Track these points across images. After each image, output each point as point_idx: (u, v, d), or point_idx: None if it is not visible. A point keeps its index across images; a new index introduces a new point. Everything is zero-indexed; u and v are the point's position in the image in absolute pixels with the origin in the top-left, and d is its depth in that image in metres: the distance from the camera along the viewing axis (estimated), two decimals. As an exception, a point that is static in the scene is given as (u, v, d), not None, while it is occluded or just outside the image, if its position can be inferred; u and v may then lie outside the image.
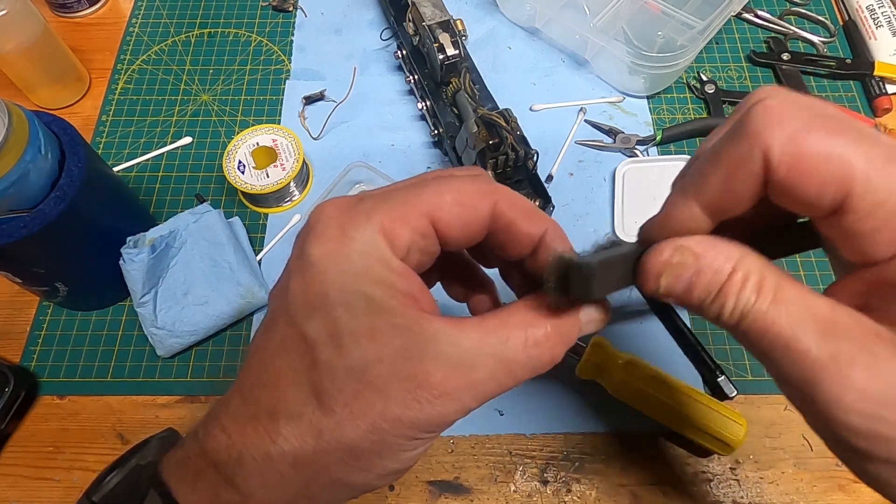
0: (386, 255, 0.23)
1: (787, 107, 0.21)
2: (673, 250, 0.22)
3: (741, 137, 0.21)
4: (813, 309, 0.21)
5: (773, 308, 0.21)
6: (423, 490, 0.47)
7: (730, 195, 0.22)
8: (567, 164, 0.60)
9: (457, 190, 0.24)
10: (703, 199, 0.23)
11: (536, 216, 0.25)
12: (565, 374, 0.50)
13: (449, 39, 0.54)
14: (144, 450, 0.29)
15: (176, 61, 0.66)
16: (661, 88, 0.63)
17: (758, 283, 0.21)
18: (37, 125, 0.41)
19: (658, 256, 0.23)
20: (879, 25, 0.64)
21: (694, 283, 0.22)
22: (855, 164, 0.20)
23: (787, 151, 0.20)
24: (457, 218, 0.24)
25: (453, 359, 0.22)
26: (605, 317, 0.26)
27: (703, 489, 0.46)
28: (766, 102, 0.21)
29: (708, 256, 0.22)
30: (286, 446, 0.23)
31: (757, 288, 0.21)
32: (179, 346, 0.50)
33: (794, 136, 0.20)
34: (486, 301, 0.30)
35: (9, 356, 0.51)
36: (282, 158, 0.55)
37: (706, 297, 0.22)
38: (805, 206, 0.21)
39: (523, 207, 0.25)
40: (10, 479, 0.47)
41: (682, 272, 0.22)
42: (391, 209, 0.23)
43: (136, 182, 0.59)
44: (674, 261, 0.22)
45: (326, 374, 0.22)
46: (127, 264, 0.49)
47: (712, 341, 0.51)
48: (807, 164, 0.20)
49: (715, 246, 0.22)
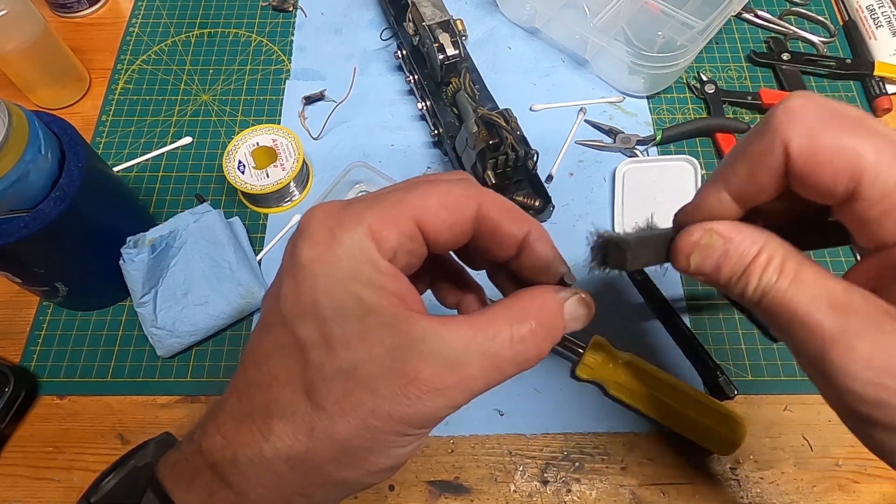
0: (374, 257, 0.24)
1: (808, 107, 0.23)
2: (703, 232, 0.25)
3: (765, 133, 0.24)
4: (828, 289, 0.23)
5: (792, 287, 0.23)
6: (423, 490, 0.47)
7: (754, 184, 0.24)
8: (567, 164, 0.60)
9: (442, 193, 0.25)
10: (731, 188, 0.25)
11: (520, 218, 0.26)
12: (565, 374, 0.50)
13: (449, 39, 0.54)
14: (142, 452, 0.29)
15: (176, 61, 0.66)
16: (661, 88, 0.63)
17: (780, 264, 0.24)
18: (37, 125, 0.41)
19: (689, 237, 0.25)
20: (879, 25, 0.64)
21: (722, 264, 0.25)
22: (865, 156, 0.22)
23: (804, 144, 0.23)
24: (442, 220, 0.25)
25: (442, 356, 0.23)
26: (588, 314, 0.26)
27: (703, 489, 0.46)
28: (789, 104, 0.23)
29: (735, 240, 0.24)
30: (279, 444, 0.23)
31: (779, 269, 0.24)
32: (179, 346, 0.50)
33: (811, 132, 0.22)
34: (475, 303, 0.30)
35: (9, 356, 0.51)
36: (282, 158, 0.55)
37: (732, 276, 0.25)
38: (821, 193, 0.23)
39: (507, 209, 0.26)
40: (10, 479, 0.47)
41: (711, 253, 0.25)
42: (379, 213, 0.24)
43: (136, 182, 0.59)
44: (703, 242, 0.25)
45: (318, 374, 0.23)
46: (127, 264, 0.49)
47: (712, 341, 0.51)
48: (821, 157, 0.22)
49: (742, 230, 0.25)
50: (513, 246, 0.26)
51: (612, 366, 0.47)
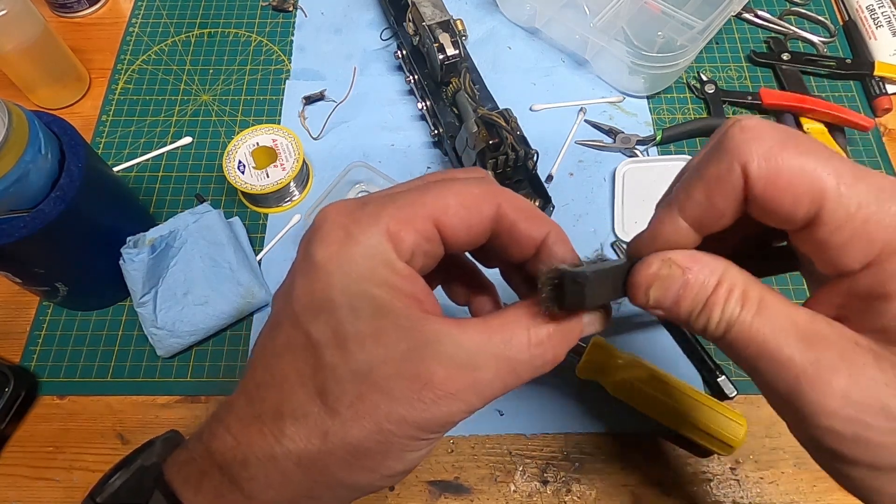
0: (391, 258, 0.23)
1: (762, 126, 0.22)
2: (661, 263, 0.23)
3: (722, 154, 0.22)
4: (794, 319, 0.22)
5: (756, 319, 0.22)
6: (423, 490, 0.47)
7: (713, 209, 0.23)
8: (567, 164, 0.60)
9: (461, 193, 0.24)
10: (687, 214, 0.23)
11: (539, 219, 0.25)
12: (565, 374, 0.50)
13: (449, 39, 0.54)
14: (149, 451, 0.29)
15: (176, 61, 0.66)
16: (661, 88, 0.63)
17: (742, 294, 0.22)
18: (37, 125, 0.41)
19: (647, 269, 0.23)
20: (879, 25, 0.64)
21: (682, 297, 0.23)
22: (826, 179, 0.21)
23: (764, 166, 0.21)
24: (461, 221, 0.24)
25: (457, 359, 0.22)
26: (607, 317, 0.26)
27: (703, 489, 0.46)
28: (743, 123, 0.22)
29: (694, 269, 0.23)
30: (291, 447, 0.23)
31: (741, 299, 0.22)
32: (179, 346, 0.50)
33: (770, 152, 0.21)
34: (488, 303, 0.30)
35: (9, 356, 0.51)
36: (282, 158, 0.55)
37: (694, 310, 0.23)
38: (782, 219, 0.22)
39: (526, 210, 0.25)
40: (10, 479, 0.47)
41: (671, 284, 0.23)
42: (396, 212, 0.24)
43: (136, 182, 0.59)
44: (661, 273, 0.23)
45: (331, 376, 0.23)
46: (127, 264, 0.49)
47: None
48: (783, 179, 0.21)
49: (700, 259, 0.23)
50: (531, 247, 0.26)
51: (612, 366, 0.47)
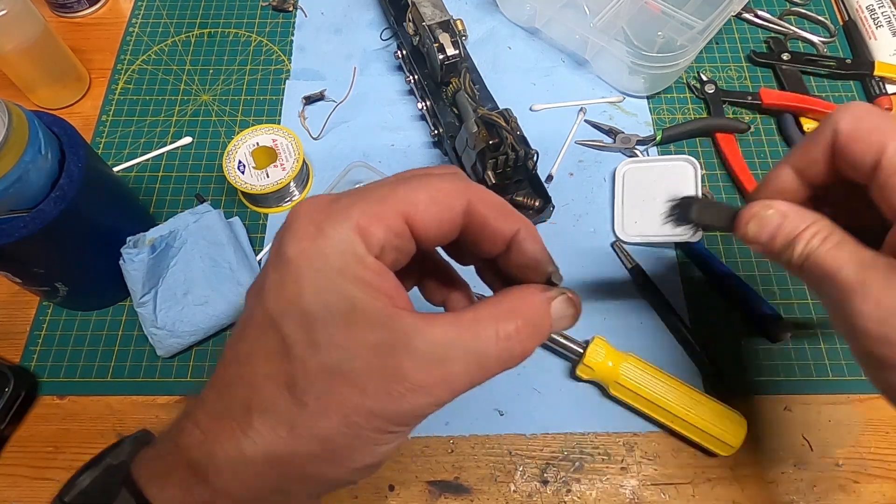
0: (361, 253, 0.23)
1: (861, 105, 0.30)
2: (762, 206, 0.31)
3: (825, 122, 0.31)
4: (860, 255, 0.28)
5: (830, 252, 0.29)
6: (423, 490, 0.47)
7: (807, 156, 0.32)
8: (567, 164, 0.60)
9: (431, 188, 0.24)
10: (791, 162, 0.32)
11: (509, 215, 0.26)
12: (565, 374, 0.50)
13: (449, 39, 0.54)
14: (118, 449, 0.28)
15: (176, 61, 0.66)
16: (661, 88, 0.63)
17: (825, 236, 0.29)
18: (37, 125, 0.41)
19: (751, 210, 0.31)
20: (879, 25, 0.64)
21: (775, 234, 0.30)
22: (887, 135, 0.28)
23: (848, 126, 0.30)
24: (431, 216, 0.24)
25: (427, 353, 0.22)
26: (575, 313, 0.26)
27: (704, 489, 0.46)
28: (848, 104, 0.31)
29: (790, 216, 0.30)
30: (259, 440, 0.23)
31: (823, 238, 0.29)
32: (179, 346, 0.50)
33: (855, 118, 0.30)
34: (462, 301, 0.30)
35: (9, 356, 0.51)
36: (282, 158, 0.55)
37: (783, 244, 0.30)
38: (854, 165, 0.29)
39: (497, 206, 0.25)
40: (10, 479, 0.47)
41: (768, 223, 0.31)
42: (367, 207, 0.24)
43: (136, 182, 0.59)
44: (761, 213, 0.31)
45: (300, 370, 0.23)
46: (127, 264, 0.49)
47: (712, 341, 0.51)
48: (858, 133, 0.29)
49: (797, 210, 0.30)
50: (501, 243, 0.26)
51: (612, 366, 0.47)
